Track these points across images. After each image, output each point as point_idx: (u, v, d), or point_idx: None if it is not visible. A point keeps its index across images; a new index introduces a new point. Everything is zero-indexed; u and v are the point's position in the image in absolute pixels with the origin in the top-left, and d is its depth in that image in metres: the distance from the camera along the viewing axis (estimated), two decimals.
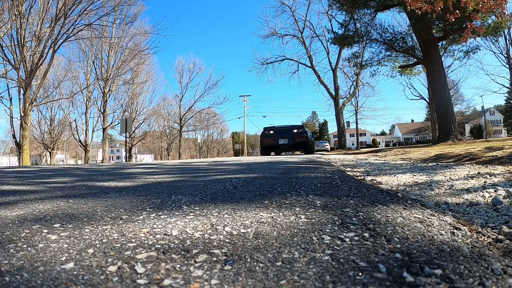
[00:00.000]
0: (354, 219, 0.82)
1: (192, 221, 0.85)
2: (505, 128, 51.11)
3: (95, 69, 24.00)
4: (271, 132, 13.75)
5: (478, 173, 2.23)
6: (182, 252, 0.61)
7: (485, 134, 44.23)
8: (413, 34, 15.49)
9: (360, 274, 0.50)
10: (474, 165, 2.96)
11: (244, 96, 37.27)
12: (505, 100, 47.86)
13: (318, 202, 1.07)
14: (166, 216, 0.91)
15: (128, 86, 26.32)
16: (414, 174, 2.51)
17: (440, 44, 15.16)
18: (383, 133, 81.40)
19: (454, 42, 16.11)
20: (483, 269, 0.53)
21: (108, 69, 23.52)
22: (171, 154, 38.15)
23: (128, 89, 26.75)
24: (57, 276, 0.50)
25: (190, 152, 50.75)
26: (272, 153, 16.49)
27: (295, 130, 13.38)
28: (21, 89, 13.62)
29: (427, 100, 34.36)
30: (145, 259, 0.57)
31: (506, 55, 30.39)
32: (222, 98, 55.12)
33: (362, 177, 2.43)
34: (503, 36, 28.79)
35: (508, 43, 30.15)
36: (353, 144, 51.86)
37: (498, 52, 31.17)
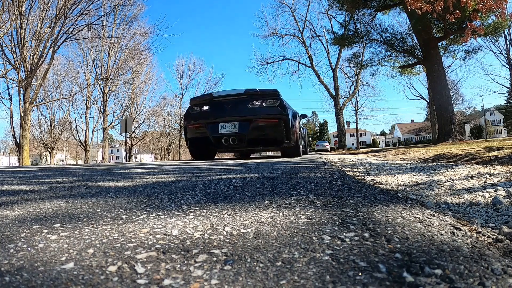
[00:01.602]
0: (354, 219, 0.82)
1: (192, 221, 0.85)
2: (505, 128, 51.17)
3: (95, 69, 24.07)
4: (205, 107, 5.79)
5: (478, 173, 2.23)
6: (182, 252, 0.61)
7: (485, 134, 44.24)
8: (413, 34, 15.53)
9: (360, 274, 0.50)
10: (474, 165, 2.96)
11: None
12: (505, 100, 47.97)
13: (318, 202, 1.07)
14: (166, 216, 0.91)
15: (128, 86, 26.36)
16: (414, 174, 2.51)
17: (440, 44, 15.18)
18: (383, 133, 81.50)
19: (454, 42, 16.14)
20: (483, 269, 0.53)
21: (108, 69, 23.55)
22: (171, 154, 38.14)
23: (128, 89, 26.81)
24: (57, 276, 0.50)
25: None
26: (235, 154, 7.68)
27: (258, 102, 5.38)
28: (21, 89, 13.63)
29: (427, 100, 34.43)
30: (145, 259, 0.57)
31: (506, 55, 30.46)
32: None
33: (362, 177, 2.43)
34: (503, 36, 28.89)
35: (508, 43, 30.21)
36: (353, 144, 51.88)
37: (498, 52, 31.35)
